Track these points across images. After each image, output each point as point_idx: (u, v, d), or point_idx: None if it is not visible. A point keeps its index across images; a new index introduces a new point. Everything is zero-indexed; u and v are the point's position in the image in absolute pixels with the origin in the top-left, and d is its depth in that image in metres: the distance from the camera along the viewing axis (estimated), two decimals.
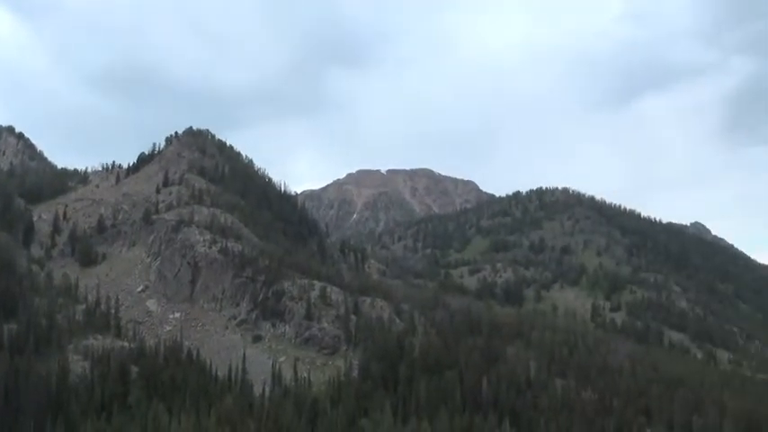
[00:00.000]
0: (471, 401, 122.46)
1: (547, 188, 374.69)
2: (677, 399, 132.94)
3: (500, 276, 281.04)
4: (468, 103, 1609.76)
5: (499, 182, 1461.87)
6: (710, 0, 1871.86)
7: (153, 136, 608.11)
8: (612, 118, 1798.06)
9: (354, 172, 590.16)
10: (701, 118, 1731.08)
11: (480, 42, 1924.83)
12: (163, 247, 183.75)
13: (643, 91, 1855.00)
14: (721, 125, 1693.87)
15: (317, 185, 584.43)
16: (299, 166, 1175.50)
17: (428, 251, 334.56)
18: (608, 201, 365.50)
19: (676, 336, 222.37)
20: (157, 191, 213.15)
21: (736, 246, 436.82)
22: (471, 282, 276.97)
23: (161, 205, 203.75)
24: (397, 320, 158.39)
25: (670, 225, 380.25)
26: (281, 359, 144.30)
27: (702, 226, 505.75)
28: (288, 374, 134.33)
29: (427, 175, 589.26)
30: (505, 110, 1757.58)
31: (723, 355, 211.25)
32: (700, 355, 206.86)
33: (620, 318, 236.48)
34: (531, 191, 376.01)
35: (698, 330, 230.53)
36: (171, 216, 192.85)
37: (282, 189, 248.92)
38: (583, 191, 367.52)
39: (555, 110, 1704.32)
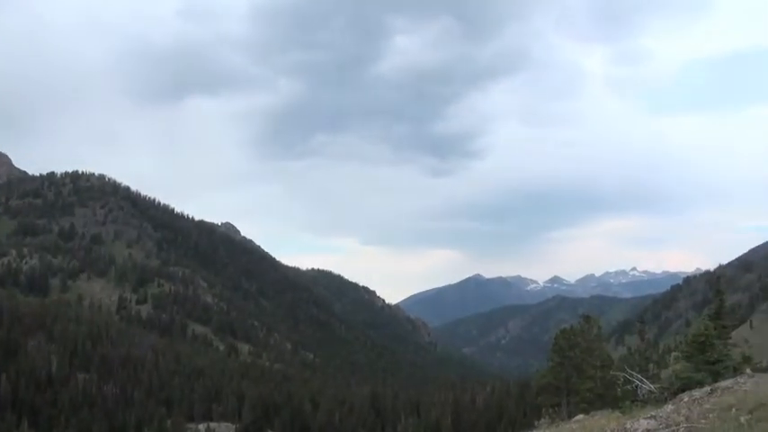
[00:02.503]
0: None
1: (83, 172, 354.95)
2: (198, 389, 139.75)
3: (26, 263, 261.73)
4: (14, 67, 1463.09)
5: (36, 159, 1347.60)
6: (267, 21, 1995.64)
7: None
8: (159, 112, 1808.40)
9: None
10: (244, 127, 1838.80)
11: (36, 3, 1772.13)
12: None
13: (193, 90, 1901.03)
14: (261, 137, 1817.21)
15: None
16: None
17: None
18: (143, 193, 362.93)
19: (200, 329, 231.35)
20: None
21: (263, 247, 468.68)
22: None
23: None
24: None
25: (202, 223, 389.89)
26: None
27: (233, 226, 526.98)
28: None
29: None
30: (51, 83, 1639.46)
31: (244, 347, 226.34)
32: (222, 348, 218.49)
33: (145, 310, 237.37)
34: (66, 173, 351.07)
35: (221, 324, 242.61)
36: None
37: None
38: (119, 180, 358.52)
39: (104, 93, 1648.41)
